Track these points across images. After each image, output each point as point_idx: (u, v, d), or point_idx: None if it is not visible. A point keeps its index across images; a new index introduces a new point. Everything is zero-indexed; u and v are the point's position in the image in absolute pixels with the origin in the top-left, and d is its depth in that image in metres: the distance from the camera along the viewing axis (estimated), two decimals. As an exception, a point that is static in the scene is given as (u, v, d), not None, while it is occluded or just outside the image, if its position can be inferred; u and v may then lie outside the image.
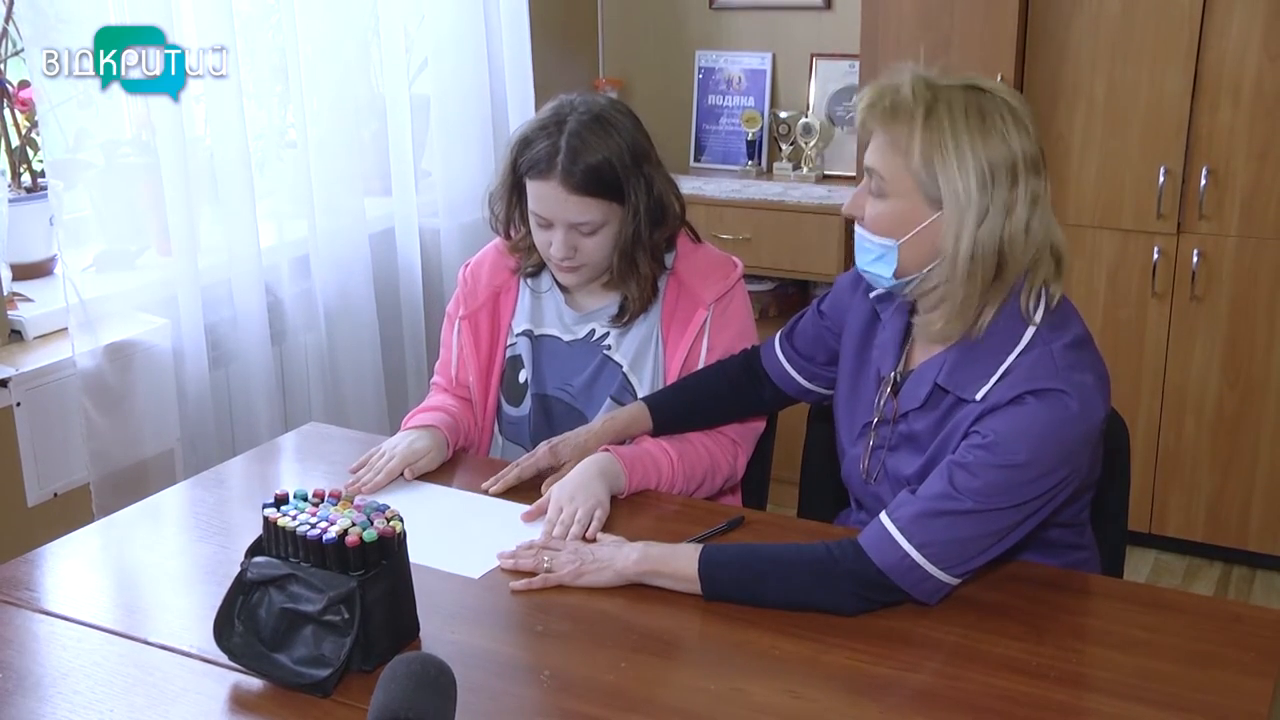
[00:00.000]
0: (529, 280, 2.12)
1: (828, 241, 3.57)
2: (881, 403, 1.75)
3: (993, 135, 1.54)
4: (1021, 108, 1.59)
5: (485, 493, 1.91)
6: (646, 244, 1.98)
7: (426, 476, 1.97)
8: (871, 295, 1.78)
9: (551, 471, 1.91)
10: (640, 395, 2.04)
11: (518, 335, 2.11)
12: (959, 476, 1.55)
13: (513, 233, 2.08)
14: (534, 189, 1.94)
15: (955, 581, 1.56)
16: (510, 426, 2.14)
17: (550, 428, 2.09)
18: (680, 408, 2.00)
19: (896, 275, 1.62)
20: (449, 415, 2.05)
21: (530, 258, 2.09)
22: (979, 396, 1.59)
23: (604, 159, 1.90)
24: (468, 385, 2.12)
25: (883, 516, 1.58)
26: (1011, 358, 1.59)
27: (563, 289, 2.10)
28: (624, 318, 2.04)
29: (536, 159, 1.91)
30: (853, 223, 1.66)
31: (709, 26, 4.12)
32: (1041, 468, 1.53)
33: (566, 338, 2.09)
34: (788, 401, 2.03)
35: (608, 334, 2.06)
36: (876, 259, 1.63)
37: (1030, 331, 1.60)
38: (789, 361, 1.97)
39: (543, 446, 1.94)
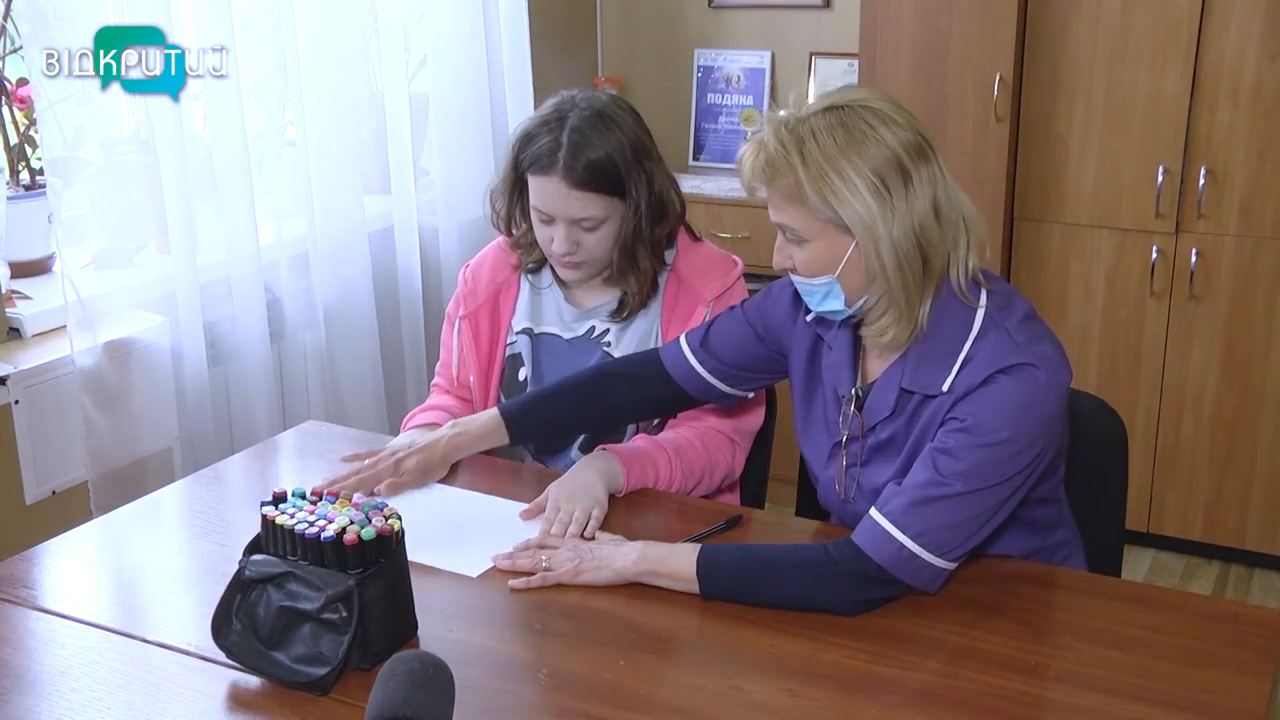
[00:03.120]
0: (530, 277, 2.12)
1: (826, 240, 3.56)
2: (846, 421, 1.75)
3: (866, 144, 1.55)
4: (884, 104, 1.59)
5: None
6: (647, 240, 1.99)
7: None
8: (809, 319, 1.78)
9: (384, 480, 1.87)
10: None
11: (518, 333, 2.11)
12: (943, 462, 1.56)
13: (514, 229, 2.08)
14: (536, 184, 1.94)
15: (952, 566, 1.57)
16: (510, 425, 2.14)
17: (550, 425, 2.09)
18: (542, 418, 1.95)
19: (848, 304, 1.64)
20: (451, 415, 2.05)
21: (531, 254, 2.09)
22: (945, 388, 1.60)
23: (606, 155, 1.90)
24: (468, 385, 2.12)
25: (873, 512, 1.59)
26: (968, 345, 1.60)
27: (563, 285, 2.10)
28: (624, 313, 2.04)
29: (539, 154, 1.92)
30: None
31: (708, 25, 4.12)
32: (1023, 441, 1.55)
33: (566, 335, 2.09)
34: (691, 403, 1.97)
35: (607, 330, 2.06)
36: (824, 298, 1.65)
37: (980, 316, 1.61)
38: (701, 362, 1.90)
39: (387, 458, 1.88)
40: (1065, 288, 3.40)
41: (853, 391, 1.74)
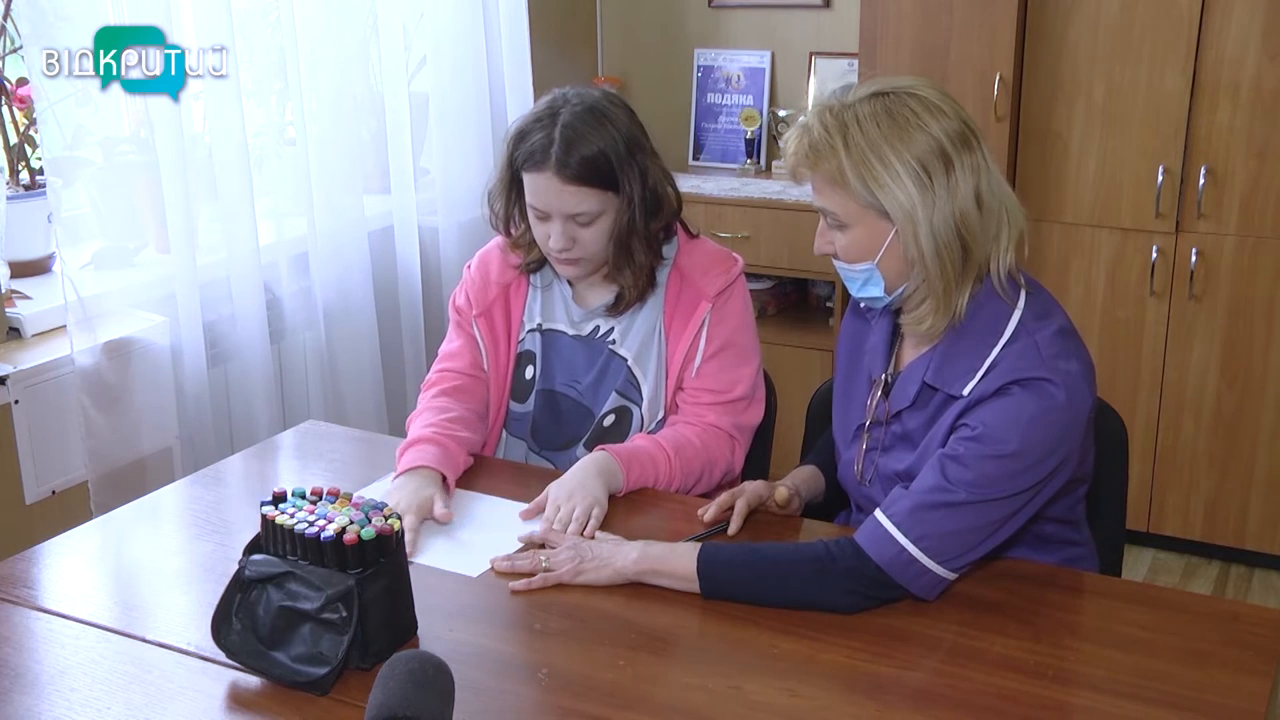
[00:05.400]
0: (532, 276, 2.12)
1: (826, 240, 3.56)
2: (873, 405, 1.76)
3: (909, 131, 1.56)
4: (930, 92, 1.60)
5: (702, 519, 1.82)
6: (642, 233, 1.98)
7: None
8: (860, 303, 1.79)
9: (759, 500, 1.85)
10: (644, 388, 2.03)
11: (529, 331, 2.11)
12: (951, 469, 1.56)
13: (513, 229, 2.08)
14: (530, 181, 1.94)
15: (952, 576, 1.57)
16: (515, 423, 2.14)
17: (556, 422, 2.09)
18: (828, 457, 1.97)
19: (888, 291, 1.65)
20: (439, 446, 1.92)
21: (531, 253, 2.08)
22: (966, 392, 1.60)
23: (598, 149, 1.90)
24: (485, 377, 2.11)
25: (878, 513, 1.59)
26: (997, 350, 1.60)
27: (568, 283, 2.10)
28: (620, 307, 2.04)
29: (532, 151, 1.92)
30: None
31: (708, 25, 4.12)
32: (1032, 457, 1.55)
33: (573, 333, 2.09)
34: None
35: (612, 329, 2.06)
36: (864, 284, 1.66)
37: (1015, 320, 1.61)
38: None
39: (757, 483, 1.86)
40: (1065, 287, 3.40)
41: (883, 377, 1.75)
